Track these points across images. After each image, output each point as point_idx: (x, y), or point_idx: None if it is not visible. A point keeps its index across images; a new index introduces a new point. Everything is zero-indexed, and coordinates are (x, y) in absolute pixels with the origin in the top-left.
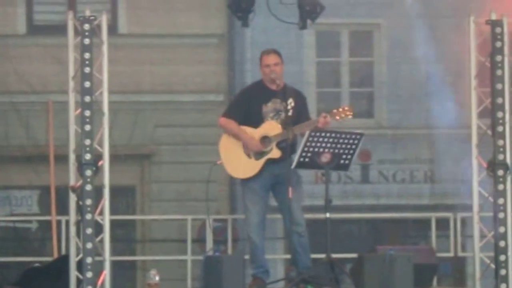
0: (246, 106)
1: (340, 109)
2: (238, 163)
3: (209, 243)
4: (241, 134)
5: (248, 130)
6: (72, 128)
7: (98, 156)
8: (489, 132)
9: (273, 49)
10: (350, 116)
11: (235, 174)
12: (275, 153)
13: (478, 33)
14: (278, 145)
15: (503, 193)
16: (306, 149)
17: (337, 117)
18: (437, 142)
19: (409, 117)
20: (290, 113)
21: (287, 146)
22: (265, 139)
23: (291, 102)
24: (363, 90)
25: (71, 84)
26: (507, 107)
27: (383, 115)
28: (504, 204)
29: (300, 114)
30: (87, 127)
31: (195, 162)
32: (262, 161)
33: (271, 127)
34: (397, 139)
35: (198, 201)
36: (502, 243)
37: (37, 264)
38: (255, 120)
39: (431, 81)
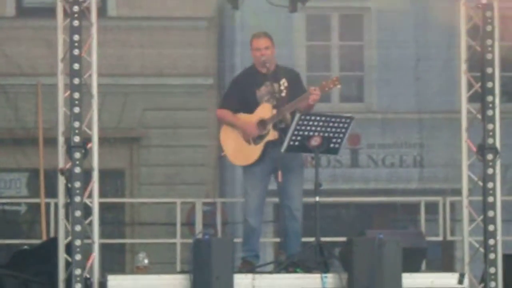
0: (240, 94)
1: (329, 80)
2: (239, 151)
3: (199, 226)
4: (236, 122)
5: (244, 116)
6: (61, 110)
7: (87, 139)
8: (479, 116)
9: (264, 32)
10: (338, 86)
11: (237, 162)
12: (273, 135)
13: (468, 17)
14: (276, 127)
15: (492, 177)
16: (296, 132)
17: (326, 89)
18: (426, 126)
19: (398, 101)
20: (284, 94)
21: (286, 128)
22: (261, 123)
23: (284, 83)
24: (353, 74)
25: (60, 66)
26: (497, 91)
27: (373, 99)
28: (494, 188)
29: (296, 92)
30: (76, 110)
31: (184, 146)
32: (261, 145)
33: (266, 110)
34: (387, 123)
35: (187, 185)
36: (491, 227)
37: (25, 247)
38: (251, 106)
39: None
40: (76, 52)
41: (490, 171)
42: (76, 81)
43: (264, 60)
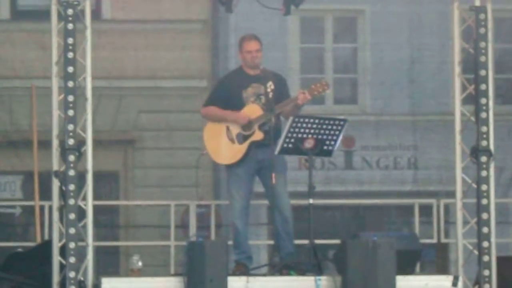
0: (226, 94)
1: (318, 84)
2: (222, 149)
3: (192, 229)
4: (225, 113)
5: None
6: (55, 113)
7: (81, 142)
8: (473, 118)
9: (253, 35)
10: (327, 91)
11: (220, 161)
12: (258, 135)
13: (462, 19)
14: (261, 128)
15: (486, 180)
16: (289, 135)
17: (315, 92)
18: (420, 128)
19: (392, 103)
20: (270, 96)
21: (271, 129)
22: (248, 122)
23: (270, 85)
24: (347, 76)
25: (55, 69)
26: (490, 93)
27: (367, 101)
28: (487, 191)
29: (281, 96)
30: (70, 112)
31: (179, 148)
32: (245, 145)
33: (252, 110)
34: (381, 126)
35: (181, 187)
36: (485, 229)
37: (20, 250)
38: (236, 106)
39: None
40: (70, 55)
41: (484, 173)
42: (70, 84)
43: (256, 62)
